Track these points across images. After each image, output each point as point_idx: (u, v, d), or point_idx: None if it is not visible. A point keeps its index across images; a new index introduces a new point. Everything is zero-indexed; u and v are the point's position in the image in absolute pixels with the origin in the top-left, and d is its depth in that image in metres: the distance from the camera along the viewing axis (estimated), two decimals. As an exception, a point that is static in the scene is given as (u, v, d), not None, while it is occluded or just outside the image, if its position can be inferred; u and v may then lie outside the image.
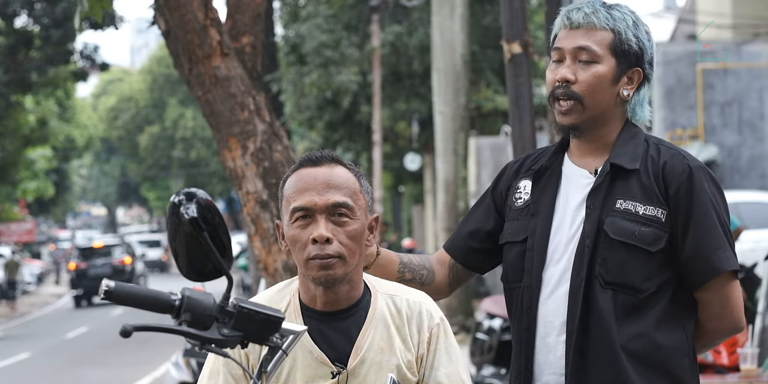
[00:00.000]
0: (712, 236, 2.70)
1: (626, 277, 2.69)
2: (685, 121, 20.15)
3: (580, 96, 2.73)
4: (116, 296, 2.09)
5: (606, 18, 2.75)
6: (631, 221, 2.70)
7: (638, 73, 2.78)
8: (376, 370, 2.48)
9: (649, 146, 2.78)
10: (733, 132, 20.08)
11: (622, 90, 2.77)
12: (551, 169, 2.83)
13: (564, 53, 2.76)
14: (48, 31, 26.69)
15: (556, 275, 2.75)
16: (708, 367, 7.07)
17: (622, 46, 2.75)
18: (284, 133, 5.25)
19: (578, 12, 2.77)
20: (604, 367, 2.68)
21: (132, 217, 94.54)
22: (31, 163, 38.80)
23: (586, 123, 2.76)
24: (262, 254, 5.18)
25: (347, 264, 2.47)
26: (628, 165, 2.73)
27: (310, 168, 2.50)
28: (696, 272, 2.71)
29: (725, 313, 2.75)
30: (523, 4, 6.27)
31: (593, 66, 2.74)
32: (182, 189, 2.19)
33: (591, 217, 2.72)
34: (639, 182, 2.73)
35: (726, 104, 20.09)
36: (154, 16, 5.28)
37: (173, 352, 9.82)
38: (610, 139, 2.79)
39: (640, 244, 2.69)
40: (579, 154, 2.82)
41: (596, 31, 2.75)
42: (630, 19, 2.78)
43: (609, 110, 2.77)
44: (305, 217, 2.47)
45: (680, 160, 2.74)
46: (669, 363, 2.71)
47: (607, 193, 2.73)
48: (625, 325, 2.68)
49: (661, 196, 2.71)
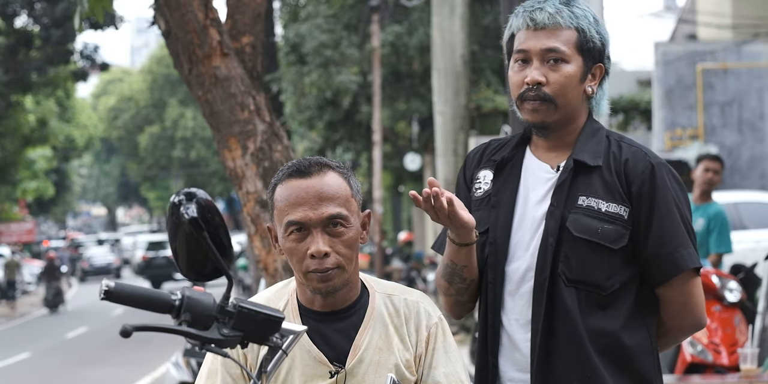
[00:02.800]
0: (675, 233, 2.69)
1: (589, 274, 2.67)
2: (685, 121, 20.15)
3: (552, 97, 2.71)
4: (116, 296, 2.09)
5: (570, 16, 2.73)
6: (593, 218, 2.68)
7: (600, 68, 2.78)
8: (374, 370, 2.48)
9: (611, 143, 2.77)
10: (733, 132, 20.08)
11: (587, 87, 2.77)
12: (513, 161, 2.81)
13: (530, 55, 2.73)
14: (48, 31, 26.69)
15: (519, 272, 2.73)
16: (708, 367, 7.07)
17: (588, 44, 2.74)
18: (284, 133, 5.25)
19: (541, 12, 2.74)
20: (571, 364, 2.66)
21: (132, 217, 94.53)
22: (31, 163, 38.81)
23: (557, 122, 2.75)
24: (262, 254, 5.18)
25: (346, 272, 2.48)
26: (590, 161, 2.72)
27: (300, 179, 2.48)
28: (659, 269, 2.70)
29: (687, 310, 2.75)
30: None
31: (562, 66, 2.72)
32: (182, 189, 2.19)
33: (554, 215, 2.70)
34: (601, 179, 2.71)
35: (726, 104, 20.09)
36: (154, 16, 5.28)
37: (173, 352, 9.81)
38: (574, 135, 2.78)
39: (603, 242, 2.67)
40: (541, 149, 2.80)
41: (562, 31, 2.73)
42: (590, 16, 2.78)
43: (577, 108, 2.76)
44: (300, 230, 2.46)
45: (642, 157, 2.73)
46: (635, 361, 2.70)
47: (569, 189, 2.71)
48: (591, 323, 2.67)
49: (623, 194, 2.70)
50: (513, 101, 2.78)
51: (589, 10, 2.79)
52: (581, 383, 2.67)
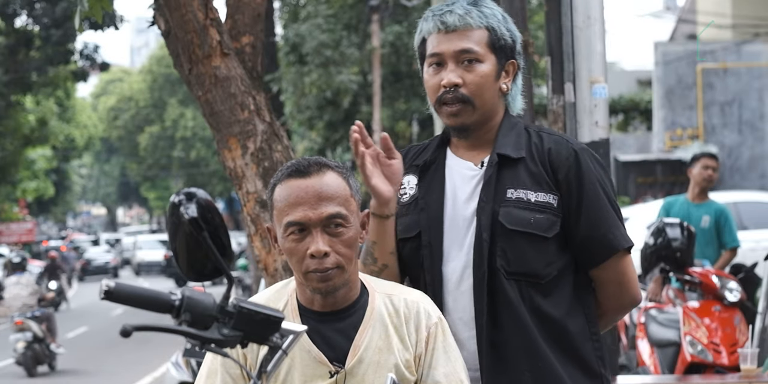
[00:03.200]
0: (605, 216, 2.74)
1: (527, 265, 2.70)
2: (685, 121, 20.15)
3: (470, 98, 2.74)
4: (116, 296, 2.09)
5: (479, 16, 2.75)
6: (524, 210, 2.71)
7: (513, 64, 2.82)
8: (374, 370, 2.49)
9: (531, 134, 2.80)
10: (733, 132, 20.08)
11: (502, 84, 2.80)
12: (436, 163, 2.83)
13: (444, 58, 2.76)
14: (48, 31, 26.69)
15: (457, 271, 2.74)
16: (708, 367, 7.07)
17: (499, 42, 2.77)
18: (284, 133, 5.25)
19: (451, 15, 2.76)
20: (520, 356, 2.69)
21: (132, 217, 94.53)
22: (31, 163, 38.81)
23: (476, 123, 2.77)
24: (262, 254, 5.18)
25: (345, 272, 2.48)
26: (513, 154, 2.75)
27: (299, 179, 2.48)
28: (592, 252, 2.74)
29: (623, 290, 2.80)
30: (523, 4, 6.27)
31: (477, 66, 2.74)
32: (182, 189, 2.20)
33: (485, 210, 2.72)
34: (527, 170, 2.74)
35: (726, 104, 20.09)
36: (153, 16, 5.28)
37: (173, 352, 9.81)
38: (493, 132, 2.81)
39: (537, 231, 2.70)
40: (462, 148, 2.83)
41: (473, 31, 2.75)
42: (499, 14, 2.80)
43: (494, 106, 2.80)
44: (300, 230, 2.46)
45: (565, 144, 2.77)
46: (578, 348, 2.75)
47: (496, 183, 2.74)
48: (536, 312, 2.70)
49: (550, 182, 2.73)
50: (431, 105, 2.81)
51: (497, 8, 2.83)
52: (532, 374, 2.69)
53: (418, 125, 24.35)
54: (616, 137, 21.38)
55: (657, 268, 8.06)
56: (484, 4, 2.79)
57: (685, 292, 7.94)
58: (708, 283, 7.37)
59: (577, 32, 5.83)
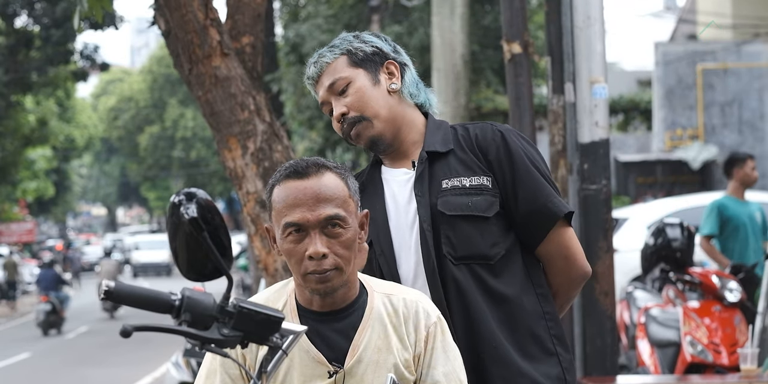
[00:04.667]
0: (540, 188, 2.81)
1: (473, 247, 2.77)
2: (685, 121, 20.15)
3: (359, 115, 2.84)
4: (116, 296, 2.09)
5: (330, 51, 2.89)
6: (461, 195, 2.79)
7: (393, 64, 2.90)
8: (373, 370, 2.49)
9: (457, 129, 2.90)
10: (733, 132, 20.07)
11: (389, 85, 2.88)
12: (373, 181, 2.93)
13: (326, 100, 2.89)
14: (48, 31, 26.68)
15: (411, 269, 2.83)
16: (708, 367, 7.07)
17: (358, 56, 2.88)
18: (284, 133, 5.25)
19: (310, 67, 2.92)
20: (474, 340, 2.75)
21: (132, 217, 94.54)
22: (31, 163, 38.81)
23: (384, 131, 2.85)
24: (262, 254, 5.18)
25: (344, 273, 2.48)
26: (441, 148, 2.84)
27: (297, 180, 2.48)
28: (535, 225, 2.81)
29: (570, 264, 2.86)
30: (523, 4, 6.27)
31: (349, 87, 2.85)
32: (182, 189, 2.19)
33: (422, 204, 2.80)
34: (457, 159, 2.83)
35: (726, 104, 20.09)
36: (154, 16, 5.28)
37: (173, 352, 9.82)
38: (412, 138, 2.89)
39: (476, 213, 2.78)
40: (391, 161, 2.93)
41: (331, 65, 2.88)
42: (348, 38, 2.91)
43: (393, 110, 2.88)
44: (298, 231, 2.47)
45: (489, 127, 2.87)
46: (532, 327, 2.79)
47: (430, 178, 2.82)
48: (489, 294, 2.77)
49: (482, 165, 2.82)
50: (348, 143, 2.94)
51: (348, 36, 2.95)
52: (487, 356, 2.74)
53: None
54: (616, 137, 21.38)
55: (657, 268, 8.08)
56: (332, 43, 2.92)
57: (685, 292, 7.95)
58: (708, 283, 7.37)
59: (577, 32, 5.83)
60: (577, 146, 5.89)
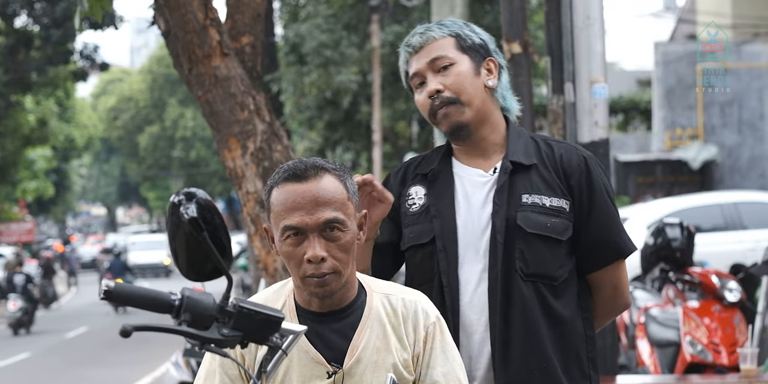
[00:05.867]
0: (614, 221, 2.89)
1: (544, 267, 2.82)
2: (685, 121, 20.15)
3: (455, 97, 2.86)
4: (116, 296, 2.09)
5: (439, 28, 2.91)
6: (541, 214, 2.83)
7: (493, 62, 2.93)
8: (372, 370, 2.48)
9: (538, 143, 2.92)
10: (733, 132, 20.07)
11: (486, 81, 2.90)
12: (443, 172, 2.93)
13: (422, 73, 2.90)
14: (48, 31, 26.68)
15: (474, 275, 2.85)
16: (708, 367, 7.07)
17: (467, 43, 2.90)
18: (284, 133, 5.25)
19: (414, 36, 2.92)
20: (528, 355, 2.80)
21: (132, 217, 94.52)
22: (31, 163, 38.79)
23: (472, 121, 2.88)
24: (262, 254, 5.18)
25: (342, 276, 2.48)
26: (525, 161, 2.87)
27: (296, 184, 2.47)
28: (601, 255, 2.89)
29: (618, 293, 2.95)
30: (523, 4, 6.27)
31: (452, 68, 2.87)
32: (182, 189, 2.19)
33: (499, 214, 2.83)
34: (539, 176, 2.86)
35: (726, 104, 20.09)
36: (154, 16, 5.28)
37: (173, 352, 9.81)
38: (492, 138, 2.92)
39: (553, 235, 2.83)
40: (466, 157, 2.94)
41: (437, 42, 2.90)
42: (459, 23, 2.94)
43: (485, 104, 2.90)
44: (297, 234, 2.46)
45: (574, 151, 2.91)
46: (576, 349, 2.87)
47: (510, 189, 2.85)
48: (548, 313, 2.83)
49: (563, 188, 2.86)
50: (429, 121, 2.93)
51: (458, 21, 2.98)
52: (539, 373, 2.80)
53: (417, 125, 24.35)
54: (616, 137, 21.38)
55: (657, 268, 8.07)
56: (442, 21, 2.95)
57: (684, 292, 7.95)
58: (708, 283, 7.37)
59: (577, 32, 5.83)
60: (577, 146, 5.88)
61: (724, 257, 11.44)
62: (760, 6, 23.02)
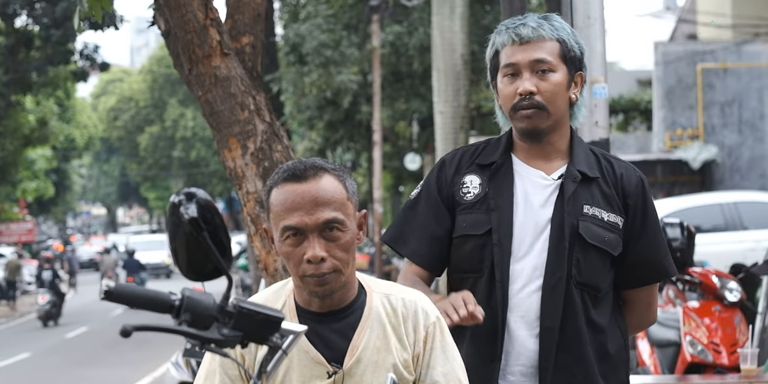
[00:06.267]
0: (662, 244, 3.02)
1: (594, 278, 2.93)
2: (685, 121, 20.14)
3: (544, 104, 2.90)
4: (116, 296, 2.09)
5: (551, 29, 2.93)
6: (599, 227, 2.93)
7: (581, 76, 2.98)
8: (372, 370, 2.48)
9: (597, 156, 3.02)
10: (733, 132, 20.07)
11: (572, 93, 2.96)
12: (504, 166, 2.98)
13: (520, 67, 2.92)
14: (48, 31, 26.69)
15: (526, 271, 2.92)
16: (708, 367, 7.07)
17: (570, 53, 2.94)
18: (284, 133, 5.24)
19: (525, 27, 2.93)
20: (574, 360, 2.89)
21: (132, 217, 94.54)
22: (31, 163, 38.82)
23: (549, 128, 2.93)
24: (262, 254, 5.18)
25: (342, 275, 2.47)
26: (589, 173, 2.96)
27: (295, 184, 2.47)
28: (643, 275, 3.01)
29: (650, 310, 3.09)
30: (523, 4, 6.26)
31: (551, 75, 2.91)
32: (182, 189, 2.19)
33: (567, 221, 2.90)
34: (600, 190, 2.96)
35: (726, 104, 20.08)
36: (153, 16, 5.28)
37: (173, 352, 9.81)
38: (558, 143, 2.98)
39: (608, 249, 2.93)
40: (527, 156, 2.99)
41: (545, 42, 2.92)
42: (568, 28, 2.97)
43: (564, 114, 2.96)
44: (296, 234, 2.46)
45: (633, 172, 3.01)
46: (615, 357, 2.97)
47: (574, 198, 2.93)
48: (590, 321, 2.93)
49: (620, 205, 2.96)
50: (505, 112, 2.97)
51: (566, 23, 2.99)
52: (583, 377, 2.89)
53: (418, 125, 24.35)
54: (616, 137, 21.38)
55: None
56: (554, 18, 2.97)
57: (685, 292, 7.95)
58: (708, 283, 7.37)
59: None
60: (577, 146, 5.88)
61: (724, 257, 11.45)
62: (760, 6, 23.02)
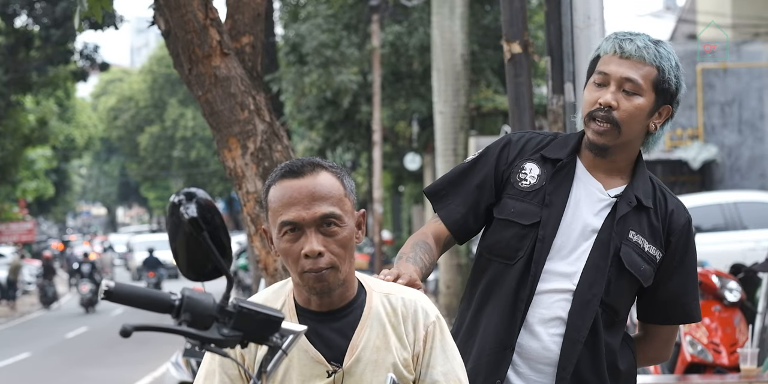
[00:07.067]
0: (692, 288, 3.05)
1: (618, 302, 2.97)
2: (685, 121, 20.14)
3: (619, 122, 2.90)
4: (116, 296, 2.09)
5: (655, 54, 2.91)
6: (639, 256, 2.95)
7: (668, 109, 2.97)
8: (372, 369, 2.48)
9: (655, 187, 3.02)
10: (733, 132, 20.07)
11: (652, 122, 2.95)
12: (568, 167, 3.00)
13: (609, 79, 2.91)
14: (48, 31, 26.69)
15: (557, 273, 2.94)
16: (708, 366, 7.07)
17: (664, 85, 2.92)
18: (284, 133, 5.24)
19: (631, 43, 2.92)
20: (593, 373, 2.94)
21: (132, 217, 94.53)
22: (31, 163, 38.80)
23: (617, 146, 2.94)
24: (262, 254, 5.18)
25: (340, 271, 2.47)
26: (645, 202, 2.97)
27: (293, 179, 2.48)
28: (670, 312, 3.06)
29: (667, 347, 3.16)
30: (523, 4, 6.26)
31: (635, 98, 2.90)
32: (182, 189, 2.19)
33: (613, 243, 2.93)
34: (648, 220, 2.98)
35: (726, 104, 20.08)
36: (153, 16, 5.28)
37: (173, 351, 9.82)
38: (622, 163, 2.99)
39: (641, 278, 2.96)
40: (589, 164, 3.00)
41: (644, 66, 2.90)
42: (673, 59, 2.94)
43: (636, 139, 2.96)
44: (294, 230, 2.46)
45: (683, 211, 3.03)
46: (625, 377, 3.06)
47: (624, 221, 2.96)
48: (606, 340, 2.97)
49: (663, 240, 2.98)
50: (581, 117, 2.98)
51: (674, 53, 2.97)
52: None
53: (418, 125, 24.35)
54: (616, 137, 21.35)
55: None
56: (664, 45, 2.94)
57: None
58: (708, 283, 7.37)
59: (577, 32, 5.83)
60: (577, 146, 5.88)
61: (724, 257, 11.44)
62: (760, 6, 23.02)
